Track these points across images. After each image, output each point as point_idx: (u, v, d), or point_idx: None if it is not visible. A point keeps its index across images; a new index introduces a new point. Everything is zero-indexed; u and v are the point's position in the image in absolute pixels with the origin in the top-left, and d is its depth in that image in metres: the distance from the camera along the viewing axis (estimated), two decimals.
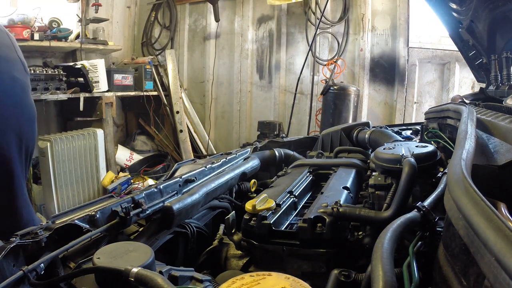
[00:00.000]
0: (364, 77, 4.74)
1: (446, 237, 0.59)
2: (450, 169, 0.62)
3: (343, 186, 1.19)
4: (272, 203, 1.00)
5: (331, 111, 4.35)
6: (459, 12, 1.88)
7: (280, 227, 1.00)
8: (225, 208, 1.22)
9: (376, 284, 0.50)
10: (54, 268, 0.71)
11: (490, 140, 0.94)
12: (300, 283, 0.59)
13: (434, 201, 0.79)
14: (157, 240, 0.92)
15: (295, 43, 5.13)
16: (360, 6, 4.67)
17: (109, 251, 0.71)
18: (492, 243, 0.39)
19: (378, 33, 4.69)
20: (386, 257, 0.55)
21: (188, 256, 1.03)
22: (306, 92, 4.78)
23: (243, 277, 0.60)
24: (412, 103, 4.57)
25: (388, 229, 0.63)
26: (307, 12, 4.89)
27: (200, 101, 5.66)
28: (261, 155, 1.60)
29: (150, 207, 0.95)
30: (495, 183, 0.74)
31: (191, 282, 0.73)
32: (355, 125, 1.92)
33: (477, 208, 0.46)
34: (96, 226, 0.82)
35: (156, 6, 5.51)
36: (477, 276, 0.43)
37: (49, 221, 0.77)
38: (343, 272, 0.80)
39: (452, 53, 4.18)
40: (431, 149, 1.15)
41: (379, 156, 1.17)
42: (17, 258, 0.66)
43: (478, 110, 1.27)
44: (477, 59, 2.02)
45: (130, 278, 0.60)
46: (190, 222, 1.05)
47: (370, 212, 0.94)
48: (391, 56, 4.63)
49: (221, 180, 1.21)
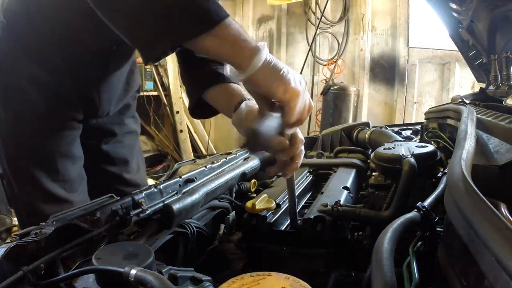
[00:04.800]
0: (364, 77, 4.74)
1: (446, 237, 0.59)
2: (450, 169, 0.62)
3: (343, 186, 1.19)
4: (272, 203, 1.00)
5: (331, 111, 4.36)
6: (459, 12, 1.88)
7: (280, 227, 1.00)
8: (225, 208, 1.22)
9: (376, 284, 0.50)
10: (54, 268, 0.71)
11: (490, 140, 0.94)
12: (300, 283, 0.59)
13: (434, 201, 0.79)
14: (157, 240, 0.92)
15: (295, 43, 5.13)
16: (360, 6, 4.67)
17: (109, 251, 0.71)
18: (492, 243, 0.39)
19: (378, 33, 4.69)
20: (386, 257, 0.55)
21: (188, 256, 1.03)
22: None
23: (243, 277, 0.60)
24: (412, 103, 4.58)
25: (388, 229, 0.63)
26: (307, 12, 4.89)
27: None
28: (261, 155, 1.60)
29: (150, 207, 0.95)
30: (495, 183, 0.74)
31: (191, 282, 0.73)
32: (355, 125, 1.92)
33: (477, 208, 0.46)
34: (96, 226, 0.82)
35: None
36: (477, 276, 0.43)
37: (49, 221, 0.77)
38: (343, 272, 0.80)
39: (452, 53, 4.19)
40: (431, 149, 1.15)
41: (379, 156, 1.17)
42: (17, 258, 0.66)
43: (478, 110, 1.27)
44: (477, 59, 2.02)
45: (130, 278, 0.60)
46: (190, 222, 1.05)
47: (370, 212, 0.94)
48: (391, 56, 4.63)
49: (221, 180, 1.21)
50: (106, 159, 1.54)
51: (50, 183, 1.26)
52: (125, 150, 1.59)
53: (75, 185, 1.34)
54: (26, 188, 1.28)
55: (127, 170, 1.59)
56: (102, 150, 1.52)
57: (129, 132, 1.62)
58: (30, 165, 1.25)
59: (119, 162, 1.57)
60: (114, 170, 1.56)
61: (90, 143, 1.47)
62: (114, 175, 1.56)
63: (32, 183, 1.25)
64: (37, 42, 1.20)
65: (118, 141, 1.56)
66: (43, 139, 1.25)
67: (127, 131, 1.61)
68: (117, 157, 1.56)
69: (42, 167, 1.26)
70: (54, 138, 1.27)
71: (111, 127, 1.53)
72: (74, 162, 1.35)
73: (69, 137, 1.32)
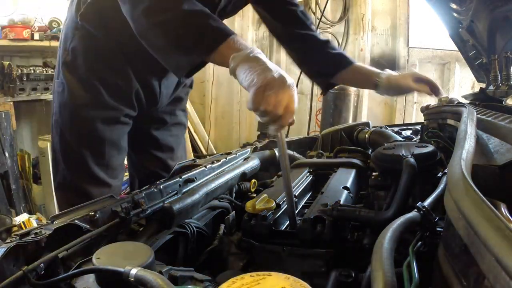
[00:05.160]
0: None
1: (446, 237, 0.59)
2: (450, 169, 0.62)
3: (343, 186, 1.19)
4: (272, 203, 1.00)
5: (331, 111, 4.35)
6: (459, 12, 1.88)
7: (280, 227, 1.00)
8: (225, 208, 1.22)
9: (376, 284, 0.50)
10: (54, 268, 0.71)
11: (490, 140, 0.94)
12: (300, 283, 0.59)
13: (434, 201, 0.79)
14: (157, 240, 0.92)
15: None
16: (360, 6, 4.66)
17: (109, 251, 0.71)
18: (492, 243, 0.39)
19: (378, 33, 4.69)
20: (386, 257, 0.55)
21: (188, 256, 1.03)
22: (306, 92, 4.77)
23: (243, 277, 0.60)
24: (412, 103, 4.57)
25: (388, 229, 0.63)
26: (307, 12, 4.88)
27: (200, 101, 5.66)
28: (261, 155, 1.60)
29: (150, 207, 0.95)
30: (495, 183, 0.74)
31: (191, 282, 0.73)
32: (355, 125, 1.92)
33: (477, 208, 0.46)
34: (96, 226, 0.82)
35: None
36: (477, 276, 0.43)
37: (49, 221, 0.77)
38: (343, 272, 0.80)
39: (452, 53, 4.18)
40: (431, 149, 1.15)
41: (379, 156, 1.17)
42: (17, 258, 0.66)
43: (478, 110, 1.27)
44: (477, 59, 2.02)
45: (130, 278, 0.60)
46: (190, 222, 1.05)
47: (370, 212, 0.94)
48: (391, 56, 4.63)
49: (221, 180, 1.21)
50: (155, 144, 1.69)
51: (95, 166, 1.42)
52: (173, 139, 1.73)
53: (116, 172, 1.49)
54: (74, 168, 1.43)
55: (171, 157, 1.72)
56: (152, 135, 1.67)
57: (178, 123, 1.77)
58: (82, 148, 1.40)
59: (166, 148, 1.71)
60: (161, 156, 1.70)
61: (143, 127, 1.63)
62: (160, 160, 1.70)
63: (81, 164, 1.41)
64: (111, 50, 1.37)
65: (167, 130, 1.70)
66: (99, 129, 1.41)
67: (176, 122, 1.75)
68: (164, 144, 1.70)
69: (92, 151, 1.41)
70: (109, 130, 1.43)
71: (163, 116, 1.68)
72: (120, 153, 1.50)
73: (120, 130, 1.48)
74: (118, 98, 1.43)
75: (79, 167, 1.42)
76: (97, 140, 1.42)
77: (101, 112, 1.40)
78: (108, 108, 1.42)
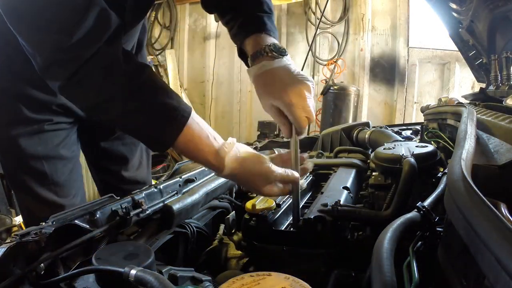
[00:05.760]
0: (364, 77, 4.74)
1: (446, 237, 0.59)
2: (450, 169, 0.62)
3: (343, 186, 1.19)
4: (272, 203, 1.00)
5: (331, 111, 4.35)
6: (459, 12, 1.88)
7: (280, 227, 1.00)
8: (225, 208, 1.22)
9: (376, 284, 0.50)
10: (54, 268, 0.71)
11: (490, 140, 0.94)
12: (300, 283, 0.59)
13: (434, 201, 0.79)
14: (157, 240, 0.92)
15: (295, 43, 5.13)
16: (360, 6, 4.67)
17: (109, 251, 0.71)
18: (492, 243, 0.39)
19: (378, 33, 4.69)
20: (386, 257, 0.55)
21: (188, 256, 1.03)
22: None
23: (243, 277, 0.60)
24: (412, 103, 4.58)
25: (388, 229, 0.63)
26: (307, 12, 4.89)
27: (200, 101, 5.66)
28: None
29: (150, 207, 0.95)
30: (495, 183, 0.74)
31: (191, 282, 0.74)
32: (355, 125, 1.92)
33: (477, 208, 0.46)
34: (96, 226, 0.82)
35: (156, 6, 5.51)
36: (477, 276, 0.43)
37: (49, 221, 0.77)
38: (343, 272, 0.80)
39: (452, 53, 4.19)
40: (431, 149, 1.15)
41: (379, 156, 1.17)
42: (17, 258, 0.66)
43: (478, 110, 1.27)
44: (477, 59, 2.02)
45: (130, 278, 0.60)
46: (190, 222, 1.05)
47: (370, 212, 0.94)
48: (391, 56, 4.63)
49: (221, 180, 1.21)
50: (105, 156, 1.56)
51: (40, 188, 1.27)
52: (125, 148, 1.58)
53: (66, 188, 1.33)
54: (20, 193, 1.31)
55: (125, 168, 1.59)
56: (100, 147, 1.53)
57: None
58: (19, 170, 1.27)
59: (117, 159, 1.57)
60: (113, 168, 1.58)
61: (89, 140, 1.49)
62: (112, 172, 1.58)
63: (24, 188, 1.28)
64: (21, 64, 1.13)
65: (118, 139, 1.55)
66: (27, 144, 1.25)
67: None
68: (115, 155, 1.57)
69: (30, 172, 1.26)
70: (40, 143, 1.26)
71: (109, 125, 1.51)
72: (65, 163, 1.33)
73: (55, 139, 1.30)
74: (39, 110, 1.25)
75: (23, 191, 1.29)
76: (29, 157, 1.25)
77: (23, 128, 1.24)
78: (31, 123, 1.25)
